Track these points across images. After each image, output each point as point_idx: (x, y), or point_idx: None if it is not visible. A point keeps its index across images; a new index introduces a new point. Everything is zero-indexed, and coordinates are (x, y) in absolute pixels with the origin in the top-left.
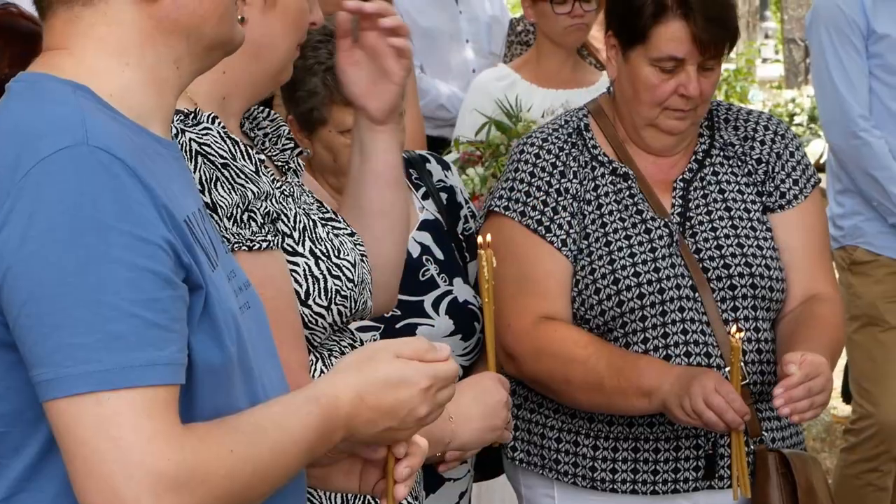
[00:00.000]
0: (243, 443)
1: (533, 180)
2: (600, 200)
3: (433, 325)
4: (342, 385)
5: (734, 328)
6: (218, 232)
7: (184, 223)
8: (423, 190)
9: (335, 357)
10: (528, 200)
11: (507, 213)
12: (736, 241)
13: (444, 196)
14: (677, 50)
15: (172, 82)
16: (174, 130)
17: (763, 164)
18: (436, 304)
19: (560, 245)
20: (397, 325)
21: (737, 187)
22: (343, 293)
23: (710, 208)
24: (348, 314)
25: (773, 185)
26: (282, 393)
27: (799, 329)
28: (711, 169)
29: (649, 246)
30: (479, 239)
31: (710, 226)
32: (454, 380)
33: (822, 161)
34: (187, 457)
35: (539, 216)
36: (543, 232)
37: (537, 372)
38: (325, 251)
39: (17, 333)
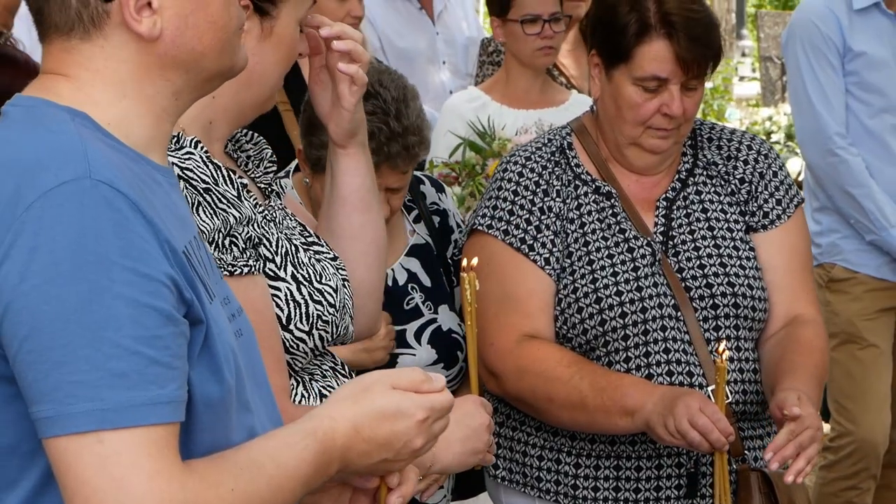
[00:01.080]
0: (243, 480)
1: (516, 199)
2: (583, 219)
3: (415, 355)
4: (338, 417)
5: (721, 347)
6: (212, 256)
7: (183, 255)
8: (415, 213)
9: (316, 381)
10: (512, 219)
11: (490, 231)
12: (718, 260)
13: (436, 219)
14: (661, 70)
15: (171, 111)
16: None
17: (746, 184)
18: (418, 334)
19: (543, 263)
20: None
21: (720, 206)
22: (325, 318)
23: (692, 227)
24: (330, 339)
25: (756, 204)
26: (273, 421)
27: (785, 356)
28: (695, 188)
29: (632, 265)
30: (464, 262)
31: (692, 245)
32: (449, 411)
33: (799, 179)
34: (189, 496)
35: (522, 234)
36: (526, 250)
37: (520, 390)
38: (306, 276)
39: (18, 369)
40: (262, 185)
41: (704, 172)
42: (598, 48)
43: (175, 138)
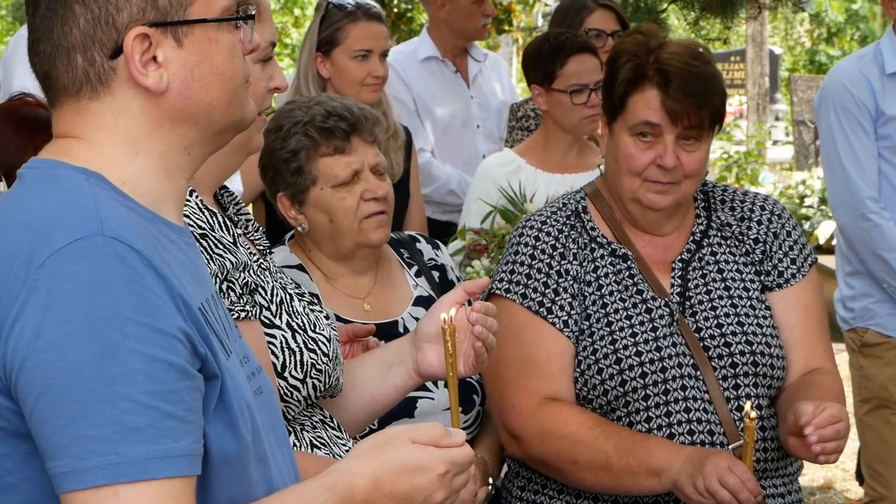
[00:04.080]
0: None
1: (533, 262)
2: (600, 281)
3: (433, 399)
4: (358, 471)
5: (748, 406)
6: (230, 316)
7: (198, 311)
8: (415, 268)
9: (307, 431)
10: (529, 282)
11: (508, 295)
12: (736, 319)
13: (435, 274)
14: (651, 115)
15: (184, 167)
16: None
17: (760, 244)
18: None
19: (562, 326)
20: None
21: (735, 266)
22: (318, 367)
23: (709, 287)
24: (322, 388)
25: (770, 264)
26: (293, 478)
27: (800, 392)
28: (710, 249)
29: (650, 325)
30: (444, 316)
31: (709, 305)
32: (470, 465)
33: (832, 243)
34: None
35: (540, 298)
36: (545, 314)
37: (543, 453)
38: (301, 324)
39: (34, 425)
40: (261, 247)
41: (719, 233)
42: (604, 104)
43: None
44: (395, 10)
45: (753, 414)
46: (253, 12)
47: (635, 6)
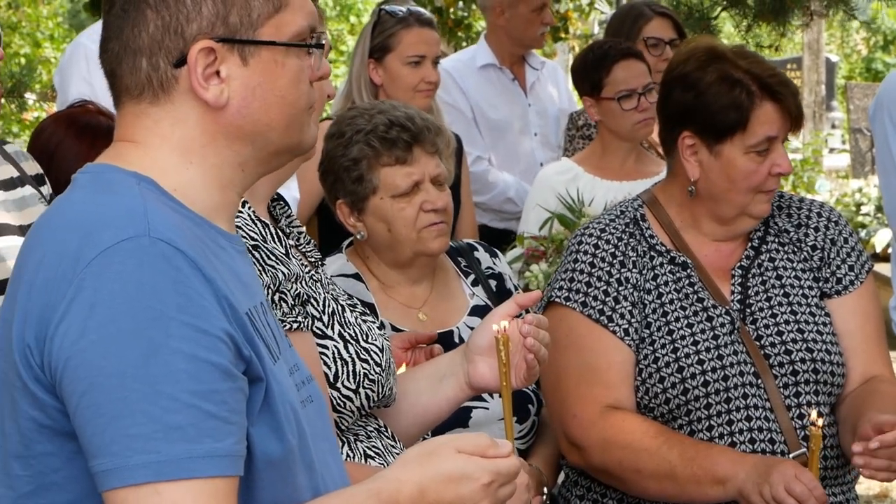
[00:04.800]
0: None
1: (593, 270)
2: (660, 289)
3: (488, 409)
4: (404, 479)
5: (814, 414)
6: (280, 327)
7: (245, 316)
8: (472, 277)
9: (360, 441)
10: (589, 290)
11: (567, 303)
12: (796, 326)
13: (493, 283)
14: (771, 130)
15: (237, 182)
16: None
17: (818, 251)
18: None
19: (622, 334)
20: None
21: (794, 273)
22: (371, 377)
23: (768, 294)
24: (376, 398)
25: (829, 270)
26: (342, 487)
27: (865, 403)
28: (768, 255)
29: (711, 333)
30: (496, 326)
31: (769, 312)
32: (515, 476)
33: (889, 251)
34: None
35: (600, 306)
36: (605, 322)
37: (606, 462)
38: (353, 335)
39: (77, 423)
40: (313, 259)
41: (776, 240)
42: (697, 129)
43: None
44: (453, 17)
45: (820, 422)
46: (324, 42)
47: (688, 13)
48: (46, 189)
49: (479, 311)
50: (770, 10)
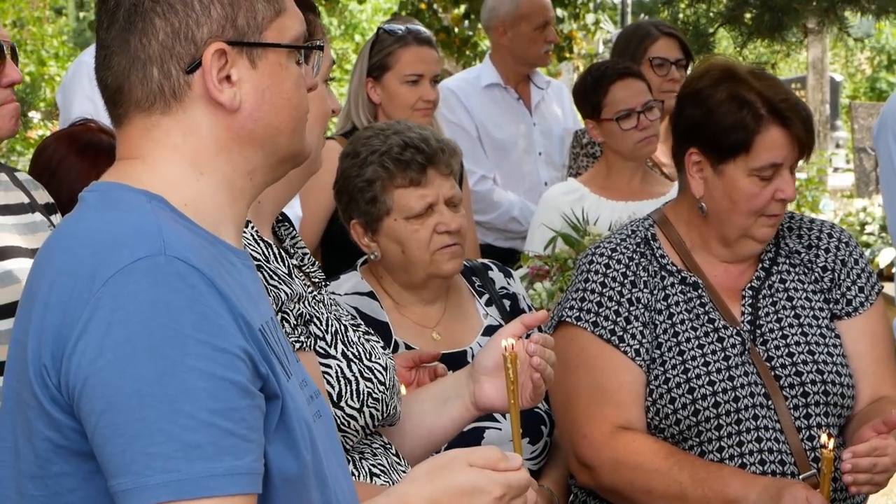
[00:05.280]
0: None
1: (604, 290)
2: (671, 309)
3: (500, 429)
4: (415, 494)
5: (825, 437)
6: (288, 340)
7: (259, 332)
8: (486, 297)
9: (366, 460)
10: (600, 310)
11: (578, 323)
12: (807, 347)
13: (507, 303)
14: (777, 156)
15: (246, 191)
16: None
17: (829, 272)
18: None
19: (633, 355)
20: (465, 429)
21: (804, 294)
22: (375, 396)
23: (779, 315)
24: (380, 417)
25: (839, 292)
26: (353, 501)
27: (871, 414)
28: (779, 276)
29: (722, 354)
30: (504, 343)
31: (780, 333)
32: (527, 489)
33: (893, 270)
34: None
35: (611, 326)
36: (616, 342)
37: (616, 482)
38: (356, 354)
39: (96, 443)
40: (316, 280)
41: (787, 261)
42: (702, 146)
43: None
44: (459, 36)
45: (831, 444)
46: (322, 44)
47: (685, 30)
48: (56, 218)
49: (493, 331)
50: (767, 27)
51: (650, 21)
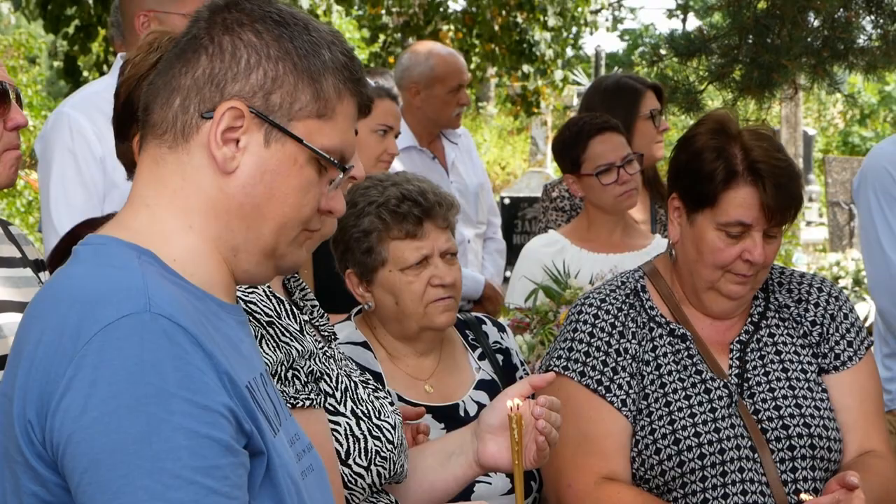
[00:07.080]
0: None
1: (592, 340)
2: (659, 361)
3: (490, 483)
4: None
5: (804, 495)
6: (280, 395)
7: (245, 389)
8: (479, 350)
9: None
10: (588, 360)
11: (566, 372)
12: (794, 401)
13: (500, 357)
14: (745, 216)
15: (231, 264)
16: None
17: (818, 326)
18: None
19: (620, 405)
20: None
21: (793, 349)
22: (383, 454)
23: (767, 369)
24: (387, 475)
25: (827, 346)
26: None
27: (850, 469)
28: (767, 330)
29: (709, 406)
30: (510, 403)
31: (767, 387)
32: None
33: (867, 324)
34: None
35: (599, 376)
36: (603, 392)
37: None
38: (366, 412)
39: (80, 500)
40: (326, 333)
41: (776, 315)
42: (681, 193)
43: None
44: None
45: (807, 498)
46: (350, 168)
47: (673, 87)
48: (45, 276)
49: (485, 386)
50: (756, 84)
51: (626, 75)
